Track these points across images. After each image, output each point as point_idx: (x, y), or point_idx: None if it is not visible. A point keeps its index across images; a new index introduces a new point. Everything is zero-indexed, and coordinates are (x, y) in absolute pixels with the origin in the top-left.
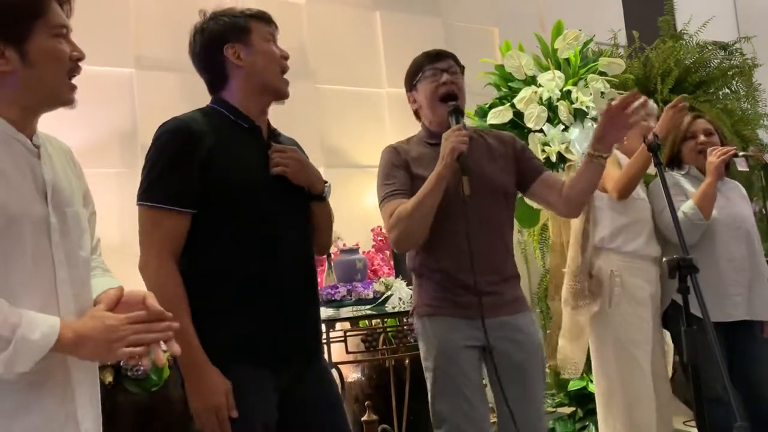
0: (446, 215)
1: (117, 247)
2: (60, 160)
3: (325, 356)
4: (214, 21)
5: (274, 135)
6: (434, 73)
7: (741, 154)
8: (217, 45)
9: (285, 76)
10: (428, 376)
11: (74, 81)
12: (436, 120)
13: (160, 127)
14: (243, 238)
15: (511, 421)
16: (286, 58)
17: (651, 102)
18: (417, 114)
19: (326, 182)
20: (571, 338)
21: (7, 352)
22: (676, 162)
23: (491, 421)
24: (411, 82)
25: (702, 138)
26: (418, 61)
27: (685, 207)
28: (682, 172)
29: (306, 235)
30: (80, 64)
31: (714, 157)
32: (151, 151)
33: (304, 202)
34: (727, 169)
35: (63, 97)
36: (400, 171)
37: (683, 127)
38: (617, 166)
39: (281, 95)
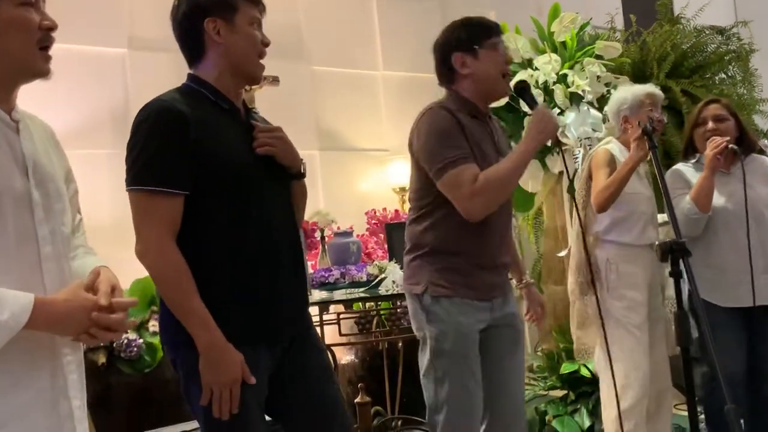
0: None
1: (108, 228)
2: (41, 137)
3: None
4: None
5: (250, 114)
6: (499, 46)
7: (730, 146)
8: (198, 16)
9: (281, 56)
10: (441, 358)
11: (67, 59)
12: (492, 93)
13: (142, 110)
14: (236, 220)
15: (500, 395)
16: (267, 44)
17: (658, 90)
18: (450, 77)
19: (302, 159)
20: (581, 326)
21: None
22: (690, 150)
23: None
24: (472, 44)
25: (710, 125)
26: (484, 25)
27: (684, 202)
28: (693, 161)
29: (291, 213)
30: (53, 35)
31: (709, 149)
32: (138, 134)
33: (286, 181)
34: (756, 149)
35: (34, 67)
36: (462, 136)
37: (694, 113)
38: (606, 166)
39: (253, 80)
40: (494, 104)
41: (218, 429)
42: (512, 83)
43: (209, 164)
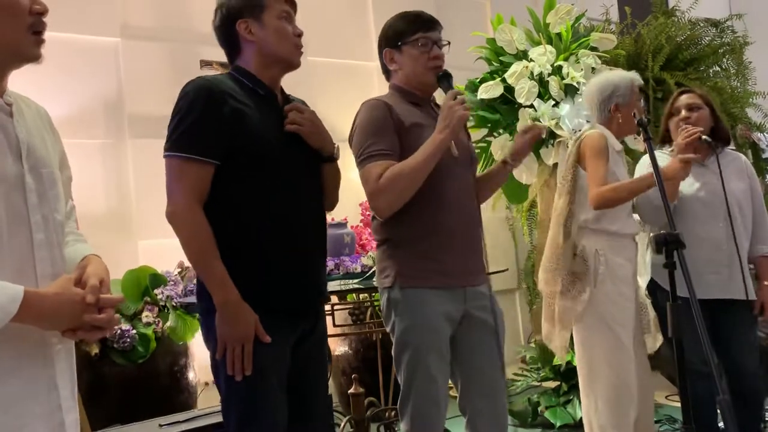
0: (436, 180)
1: (102, 217)
2: (35, 121)
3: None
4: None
5: (287, 101)
6: (425, 43)
7: (703, 138)
8: (231, 20)
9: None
10: (405, 352)
11: (60, 48)
12: (422, 86)
13: (186, 84)
14: (264, 193)
15: (483, 386)
16: (299, 35)
17: (638, 76)
18: (387, 71)
19: (336, 144)
20: (565, 327)
21: None
22: (666, 139)
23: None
24: (396, 41)
25: (683, 113)
26: (409, 21)
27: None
28: (669, 150)
29: (320, 194)
30: (45, 16)
31: (681, 138)
32: (179, 105)
33: (316, 163)
34: (730, 141)
35: (25, 51)
36: (390, 131)
37: (669, 102)
38: (604, 155)
39: (291, 66)
40: (487, 96)
41: (235, 393)
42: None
43: (241, 139)
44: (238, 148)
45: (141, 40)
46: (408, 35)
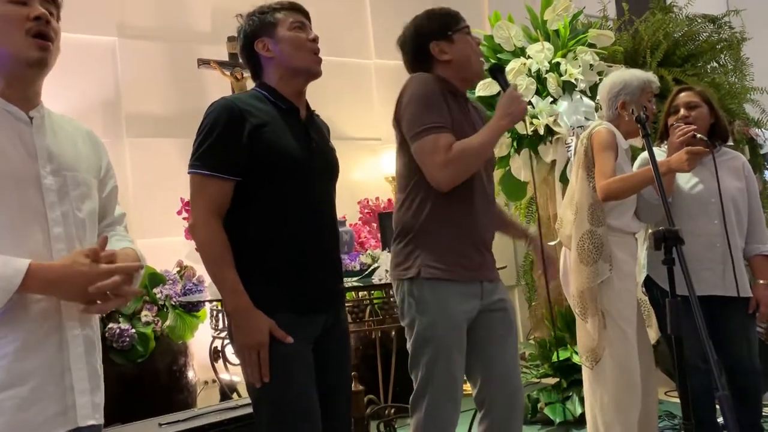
0: (473, 177)
1: None
2: (70, 134)
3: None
4: (247, 22)
5: (311, 117)
6: (469, 32)
7: (698, 136)
8: (250, 42)
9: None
10: (427, 346)
11: (61, 50)
12: (471, 74)
13: (210, 105)
14: (288, 206)
15: (497, 378)
16: (314, 40)
17: (656, 79)
18: (427, 66)
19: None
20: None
21: None
22: (665, 136)
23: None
24: (444, 31)
25: (682, 112)
26: (448, 13)
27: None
28: (665, 147)
29: (334, 201)
30: (47, 21)
31: (674, 137)
32: (202, 125)
33: (334, 178)
34: (728, 139)
35: (25, 54)
36: (444, 105)
37: (668, 100)
38: (611, 148)
39: (311, 75)
40: (485, 93)
41: (262, 391)
42: (487, 66)
43: (262, 155)
44: (259, 162)
45: (138, 40)
46: (454, 25)
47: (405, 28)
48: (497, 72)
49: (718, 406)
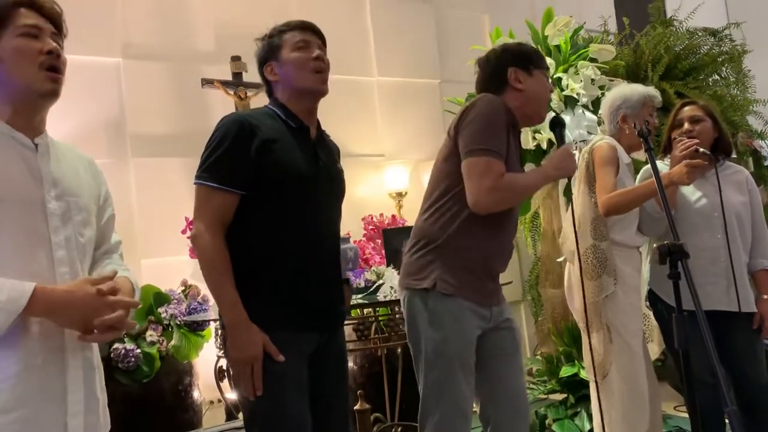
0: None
1: None
2: (72, 162)
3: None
4: (258, 47)
5: (321, 137)
6: (548, 77)
7: (701, 150)
8: (261, 66)
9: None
10: (438, 361)
11: (66, 71)
12: (534, 115)
13: (221, 120)
14: (290, 223)
15: (510, 398)
16: (317, 58)
17: (658, 94)
18: (500, 89)
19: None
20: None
21: None
22: (668, 150)
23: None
24: (527, 63)
25: (686, 126)
26: (537, 52)
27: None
28: (668, 161)
29: (338, 220)
30: (57, 55)
31: (677, 151)
32: (212, 138)
33: (340, 192)
34: (731, 153)
35: (38, 86)
36: (505, 136)
37: (672, 114)
38: (612, 163)
39: (317, 93)
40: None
41: (255, 408)
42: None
43: (268, 171)
44: (265, 177)
45: (142, 60)
46: (538, 64)
47: (491, 50)
48: (558, 125)
49: (727, 422)
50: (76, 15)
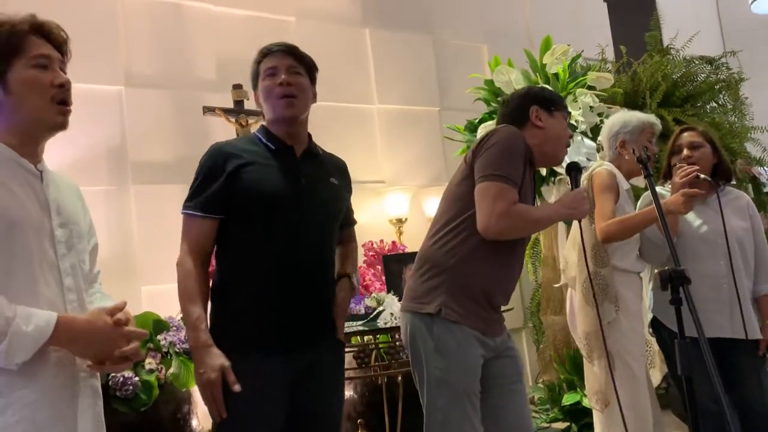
0: (516, 241)
1: (106, 262)
2: (67, 189)
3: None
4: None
5: (309, 155)
6: (568, 122)
7: (702, 176)
8: (255, 91)
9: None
10: (444, 390)
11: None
12: (551, 155)
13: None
14: (262, 243)
15: (514, 427)
16: (282, 84)
17: (659, 122)
18: (521, 126)
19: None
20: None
21: (3, 345)
22: (668, 176)
23: None
24: (549, 104)
25: (685, 152)
26: (562, 99)
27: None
28: (669, 187)
29: (326, 244)
30: (67, 87)
31: (677, 177)
32: (197, 168)
33: (331, 215)
34: (731, 178)
35: (49, 119)
36: (522, 168)
37: (671, 140)
38: (611, 190)
39: (282, 119)
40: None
41: (218, 429)
42: (567, 161)
43: (240, 194)
44: (239, 200)
45: (145, 88)
46: (560, 107)
47: (515, 90)
48: (574, 170)
49: None
50: (79, 43)
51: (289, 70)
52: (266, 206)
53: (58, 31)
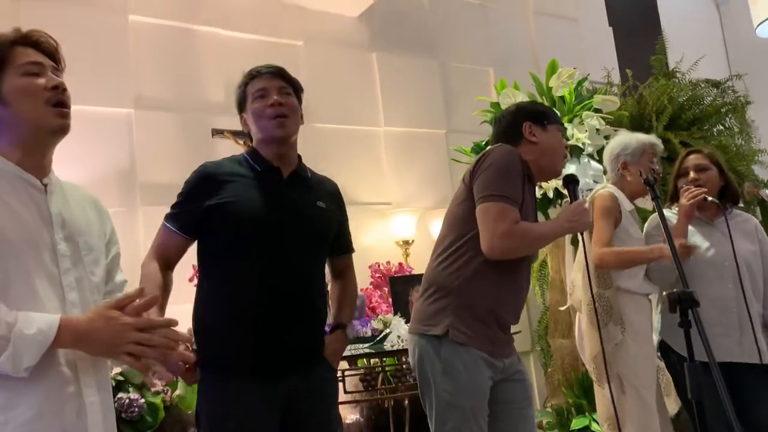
0: (522, 259)
1: None
2: (79, 201)
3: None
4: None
5: (297, 177)
6: (562, 133)
7: (710, 199)
8: (239, 114)
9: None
10: (452, 412)
11: (75, 120)
12: (549, 169)
13: None
14: (245, 266)
15: None
16: (273, 105)
17: (660, 142)
18: (516, 143)
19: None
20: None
21: (8, 351)
22: (675, 198)
23: None
24: (542, 119)
25: (692, 175)
26: (552, 111)
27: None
28: (677, 209)
29: (314, 262)
30: (63, 89)
31: (685, 199)
32: None
33: (314, 237)
34: (739, 201)
35: (47, 123)
36: (521, 184)
37: (677, 163)
38: (609, 215)
39: (273, 139)
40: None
41: None
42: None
43: (219, 215)
44: (217, 222)
45: (154, 110)
46: (553, 120)
47: (506, 108)
48: (571, 182)
49: None
50: (89, 66)
51: (280, 91)
52: (247, 230)
53: (47, 39)
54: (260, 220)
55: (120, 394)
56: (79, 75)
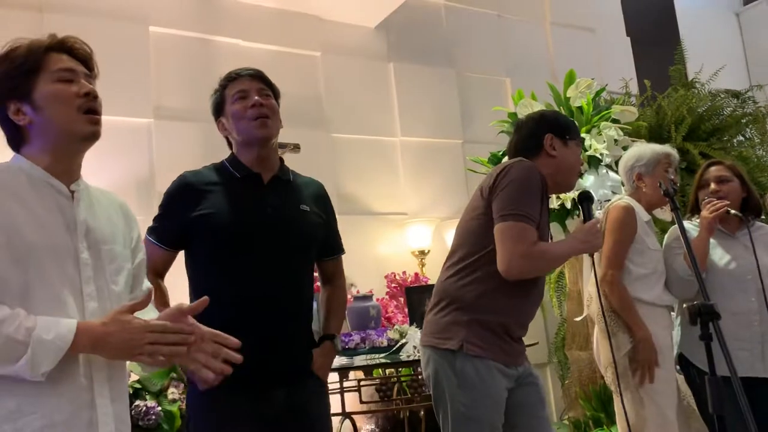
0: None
1: None
2: (106, 208)
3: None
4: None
5: (278, 182)
6: (581, 152)
7: (732, 212)
8: (217, 122)
9: (302, 124)
10: (468, 425)
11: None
12: (564, 183)
13: None
14: (228, 276)
15: None
16: (254, 105)
17: (676, 152)
18: (534, 153)
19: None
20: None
21: (27, 355)
22: (695, 210)
23: None
24: (564, 133)
25: (713, 186)
26: (575, 125)
27: (677, 262)
28: (697, 221)
29: (299, 269)
30: (95, 97)
31: (706, 211)
32: None
33: (298, 242)
34: (761, 213)
35: (78, 130)
36: (539, 204)
37: (698, 174)
38: (620, 230)
39: (255, 139)
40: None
41: None
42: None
43: (196, 224)
44: (195, 231)
45: (173, 120)
46: (575, 135)
47: (529, 114)
48: (586, 200)
49: None
50: (109, 77)
51: (260, 92)
52: (228, 242)
53: (81, 45)
54: (240, 230)
55: (137, 402)
56: (100, 85)
